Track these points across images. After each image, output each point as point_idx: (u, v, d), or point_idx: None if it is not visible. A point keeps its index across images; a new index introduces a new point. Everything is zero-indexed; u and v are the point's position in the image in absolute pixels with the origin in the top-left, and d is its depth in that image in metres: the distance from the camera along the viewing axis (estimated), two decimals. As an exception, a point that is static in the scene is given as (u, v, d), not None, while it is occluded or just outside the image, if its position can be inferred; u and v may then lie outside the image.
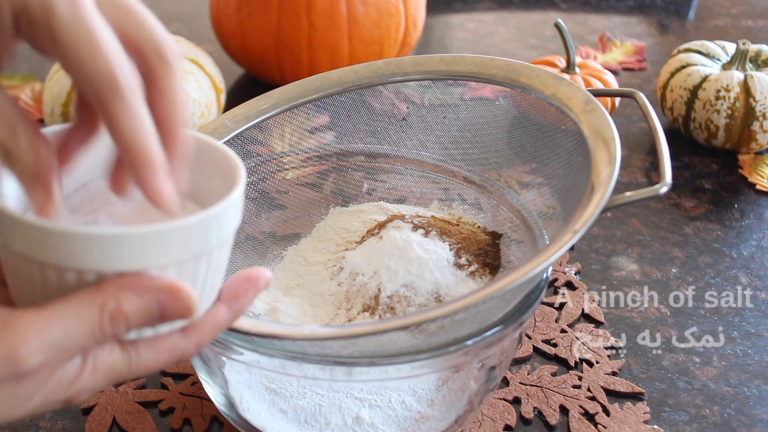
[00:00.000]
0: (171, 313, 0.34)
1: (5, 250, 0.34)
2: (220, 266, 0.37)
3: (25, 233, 0.32)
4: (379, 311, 0.53)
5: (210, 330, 0.36)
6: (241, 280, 0.37)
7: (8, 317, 0.31)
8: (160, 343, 0.35)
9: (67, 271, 0.32)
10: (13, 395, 0.32)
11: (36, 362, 0.31)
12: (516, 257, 0.57)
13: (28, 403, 0.33)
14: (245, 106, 0.61)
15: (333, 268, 0.57)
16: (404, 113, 0.63)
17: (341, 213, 0.63)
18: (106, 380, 0.34)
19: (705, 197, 0.83)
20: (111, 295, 0.32)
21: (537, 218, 0.58)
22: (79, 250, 0.32)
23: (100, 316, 0.32)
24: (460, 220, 0.61)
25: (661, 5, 1.35)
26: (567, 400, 0.58)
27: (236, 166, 0.37)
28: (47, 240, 0.32)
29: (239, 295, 0.37)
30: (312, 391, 0.51)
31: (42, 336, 0.31)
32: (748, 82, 0.85)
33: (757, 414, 0.58)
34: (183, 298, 0.33)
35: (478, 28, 1.25)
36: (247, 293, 0.37)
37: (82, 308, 0.32)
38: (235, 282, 0.37)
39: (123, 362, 0.34)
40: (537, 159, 0.59)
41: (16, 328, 0.31)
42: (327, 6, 0.91)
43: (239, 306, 0.37)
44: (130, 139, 0.31)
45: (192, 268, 0.34)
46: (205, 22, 1.14)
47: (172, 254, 0.33)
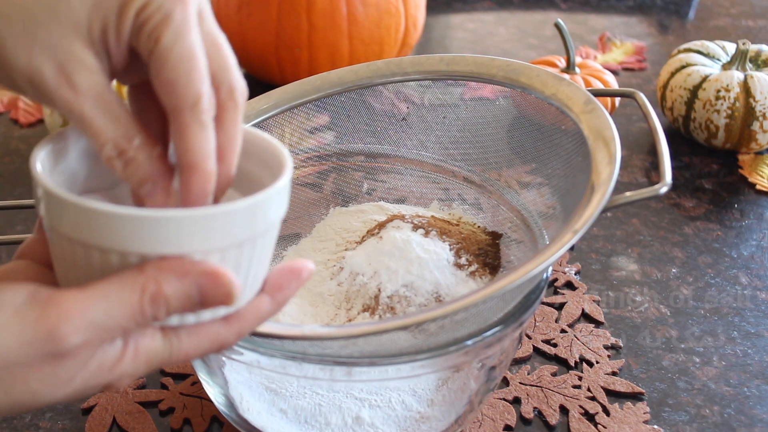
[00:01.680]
0: (212, 298, 0.34)
1: (52, 233, 0.35)
2: (264, 256, 0.37)
3: (71, 215, 0.33)
4: (379, 311, 0.53)
5: (252, 320, 0.37)
6: (285, 272, 0.37)
7: (51, 296, 0.32)
8: (201, 331, 0.35)
9: (110, 252, 0.33)
10: (54, 375, 0.32)
11: (77, 341, 0.32)
12: (516, 257, 0.57)
13: (69, 384, 0.33)
14: (245, 106, 0.61)
15: (333, 268, 0.57)
16: (404, 113, 0.63)
17: (341, 213, 0.63)
18: (146, 366, 0.35)
19: (705, 197, 0.83)
20: (152, 277, 0.33)
21: (537, 218, 0.58)
22: (123, 232, 0.32)
23: (141, 298, 0.33)
24: (460, 220, 0.61)
25: (661, 5, 1.35)
26: (567, 400, 0.58)
27: (283, 156, 0.38)
28: (92, 221, 0.32)
29: (282, 287, 0.37)
30: (312, 391, 0.51)
31: (83, 315, 0.32)
32: (748, 82, 0.85)
33: (757, 414, 0.58)
34: (224, 283, 0.34)
35: (478, 28, 1.25)
36: (290, 285, 0.37)
37: (123, 289, 0.33)
38: (278, 273, 0.37)
39: (164, 348, 0.35)
40: (537, 159, 0.59)
41: (59, 307, 0.32)
42: (327, 6, 0.91)
43: (282, 297, 0.37)
44: (195, 150, 0.34)
45: (235, 255, 0.34)
46: (205, 22, 1.14)
47: (216, 239, 0.33)
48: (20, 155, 0.86)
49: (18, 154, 0.87)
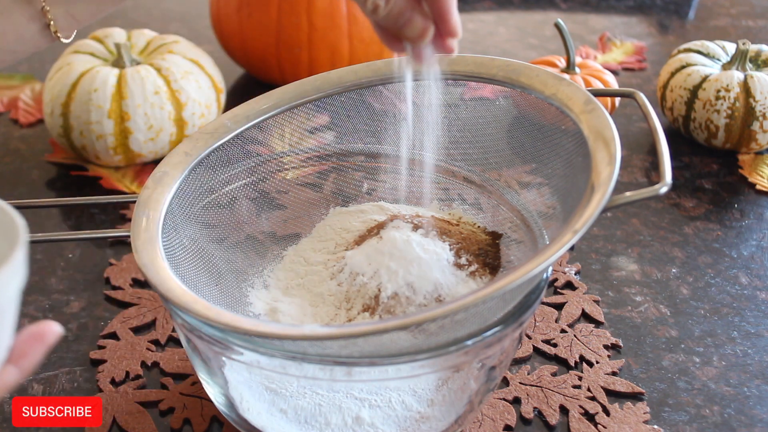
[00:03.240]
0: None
1: None
2: (5, 328, 0.36)
3: None
4: (380, 311, 0.53)
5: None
6: (30, 339, 0.38)
7: None
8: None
9: None
10: None
11: None
12: (516, 257, 0.57)
13: None
14: (245, 106, 0.61)
15: (333, 268, 0.57)
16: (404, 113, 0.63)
17: (341, 213, 0.63)
18: None
19: (705, 197, 0.83)
20: None
21: (537, 218, 0.58)
22: None
23: None
24: (460, 220, 0.61)
25: (661, 5, 1.35)
26: (567, 400, 0.58)
27: (18, 226, 0.36)
28: None
29: (27, 354, 0.37)
30: (312, 391, 0.51)
31: None
32: (748, 82, 0.85)
33: (757, 414, 0.58)
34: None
35: (478, 28, 1.25)
36: (35, 351, 0.37)
37: None
38: (23, 340, 0.38)
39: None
40: (537, 159, 0.59)
41: None
42: (327, 6, 0.91)
43: (28, 365, 0.37)
44: (450, 8, 0.49)
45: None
46: (205, 22, 1.14)
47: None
48: (20, 155, 0.86)
49: (18, 154, 0.87)
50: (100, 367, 0.60)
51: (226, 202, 0.60)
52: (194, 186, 0.58)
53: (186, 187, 0.57)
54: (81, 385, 0.59)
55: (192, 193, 0.57)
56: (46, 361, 0.60)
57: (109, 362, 0.60)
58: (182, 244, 0.54)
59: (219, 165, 0.59)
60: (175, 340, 0.63)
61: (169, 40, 0.86)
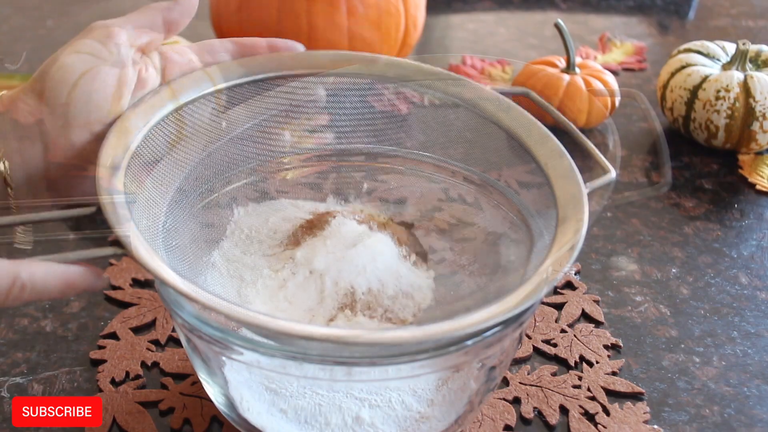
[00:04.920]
0: None
1: None
2: None
3: None
4: (359, 308, 0.53)
5: None
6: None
7: None
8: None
9: None
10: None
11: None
12: (516, 257, 0.57)
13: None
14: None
15: (285, 270, 0.56)
16: (404, 113, 0.63)
17: (249, 214, 0.61)
18: None
19: (705, 197, 0.83)
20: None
21: (537, 218, 0.57)
22: None
23: None
24: (369, 215, 0.61)
25: (661, 5, 1.35)
26: (567, 400, 0.58)
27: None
28: None
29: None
30: (312, 391, 0.51)
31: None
32: (748, 83, 0.85)
33: (757, 414, 0.58)
34: None
35: (478, 28, 1.25)
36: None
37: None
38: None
39: None
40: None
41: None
42: (327, 6, 0.91)
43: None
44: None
45: None
46: (205, 22, 1.14)
47: None
48: (20, 155, 0.86)
49: (18, 154, 0.87)
50: (100, 367, 0.60)
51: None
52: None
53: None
54: (81, 385, 0.59)
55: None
56: (46, 361, 0.60)
57: (109, 362, 0.60)
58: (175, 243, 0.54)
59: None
60: (175, 340, 0.63)
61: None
